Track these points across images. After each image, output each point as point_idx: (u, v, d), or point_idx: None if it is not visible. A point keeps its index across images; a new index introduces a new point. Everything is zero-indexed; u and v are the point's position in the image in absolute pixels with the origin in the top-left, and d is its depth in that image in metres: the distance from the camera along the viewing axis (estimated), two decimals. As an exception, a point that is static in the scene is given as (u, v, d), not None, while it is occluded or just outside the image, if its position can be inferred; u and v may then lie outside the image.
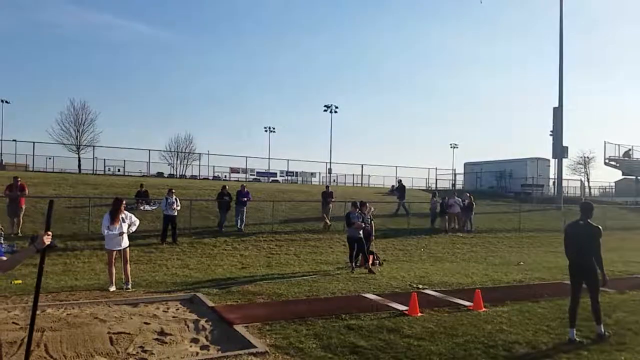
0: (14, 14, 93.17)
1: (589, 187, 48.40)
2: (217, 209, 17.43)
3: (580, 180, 46.02)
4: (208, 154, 51.32)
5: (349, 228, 11.75)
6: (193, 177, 43.86)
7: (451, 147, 69.25)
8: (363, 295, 8.41)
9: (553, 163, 35.35)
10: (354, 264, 11.65)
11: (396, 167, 42.18)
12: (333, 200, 19.65)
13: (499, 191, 35.77)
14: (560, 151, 31.84)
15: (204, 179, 39.97)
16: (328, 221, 18.63)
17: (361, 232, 11.59)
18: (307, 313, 6.83)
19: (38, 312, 4.08)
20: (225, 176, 44.38)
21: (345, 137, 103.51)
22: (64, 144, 44.95)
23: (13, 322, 6.05)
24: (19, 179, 14.79)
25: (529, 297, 8.37)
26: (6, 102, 55.68)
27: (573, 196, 37.97)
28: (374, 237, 12.78)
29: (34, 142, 33.34)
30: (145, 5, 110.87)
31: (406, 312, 6.93)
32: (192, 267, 12.40)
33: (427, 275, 11.07)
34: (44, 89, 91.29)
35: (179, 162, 57.47)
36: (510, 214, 25.07)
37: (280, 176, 46.07)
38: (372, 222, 12.64)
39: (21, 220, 14.15)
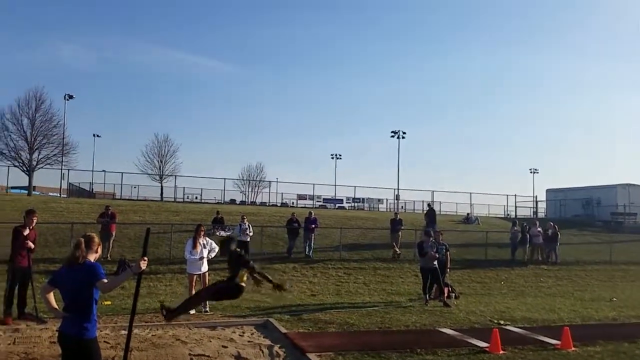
0: (102, 57, 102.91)
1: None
2: (286, 235, 17.77)
3: (680, 208, 41.59)
4: (277, 181, 52.70)
5: (422, 258, 11.42)
6: (262, 204, 45.16)
7: (531, 172, 65.46)
8: (439, 329, 8.08)
9: (647, 190, 32.51)
10: (427, 296, 11.25)
11: (470, 193, 40.62)
12: (402, 228, 19.28)
13: (585, 220, 33.22)
14: (655, 176, 29.18)
15: (272, 205, 41.00)
16: (397, 250, 18.27)
17: (436, 262, 11.21)
18: (380, 345, 6.67)
19: (126, 332, 4.35)
20: (293, 203, 45.16)
21: (414, 163, 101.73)
22: (148, 174, 48.57)
23: (104, 341, 6.47)
24: (110, 208, 16.18)
25: (625, 337, 7.60)
26: (97, 136, 61.77)
27: (672, 226, 34.34)
28: (449, 269, 12.30)
29: (122, 173, 36.50)
30: (218, 44, 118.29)
31: (487, 349, 6.55)
32: (264, 292, 12.51)
33: (509, 310, 10.43)
34: (130, 124, 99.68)
35: (250, 189, 59.66)
36: (599, 244, 23.11)
37: (347, 203, 46.06)
38: (448, 252, 12.20)
39: (111, 245, 15.33)
